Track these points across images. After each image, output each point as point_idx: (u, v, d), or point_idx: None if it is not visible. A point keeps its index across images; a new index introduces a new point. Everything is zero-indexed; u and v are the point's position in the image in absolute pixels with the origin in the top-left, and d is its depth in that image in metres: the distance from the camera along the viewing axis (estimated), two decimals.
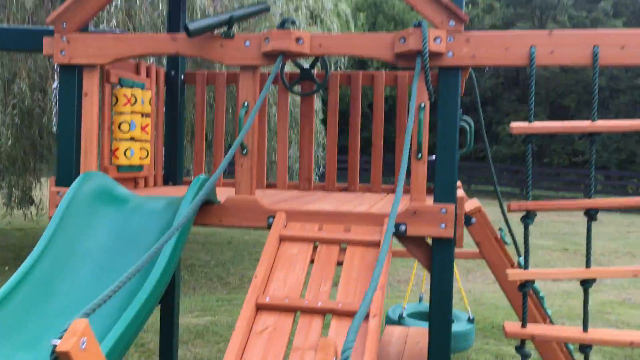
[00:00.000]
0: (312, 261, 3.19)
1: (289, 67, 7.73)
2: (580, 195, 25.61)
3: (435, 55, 3.26)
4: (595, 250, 14.23)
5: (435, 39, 3.22)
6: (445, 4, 3.25)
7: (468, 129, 3.88)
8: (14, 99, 9.23)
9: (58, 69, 3.69)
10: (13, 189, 10.74)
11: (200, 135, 5.10)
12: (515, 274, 3.29)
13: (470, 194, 28.28)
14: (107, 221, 3.26)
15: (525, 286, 3.29)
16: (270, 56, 3.40)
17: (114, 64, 3.79)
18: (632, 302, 9.68)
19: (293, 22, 3.42)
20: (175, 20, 4.93)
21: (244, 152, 3.48)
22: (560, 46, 3.19)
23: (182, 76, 4.99)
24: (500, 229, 4.06)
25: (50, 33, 3.64)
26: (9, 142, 9.40)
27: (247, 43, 3.45)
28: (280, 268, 3.13)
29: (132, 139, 4.33)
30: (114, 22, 8.36)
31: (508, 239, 4.03)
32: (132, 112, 4.30)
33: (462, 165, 26.80)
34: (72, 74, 3.64)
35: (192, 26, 3.37)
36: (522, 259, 3.90)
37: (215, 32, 3.47)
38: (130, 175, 4.39)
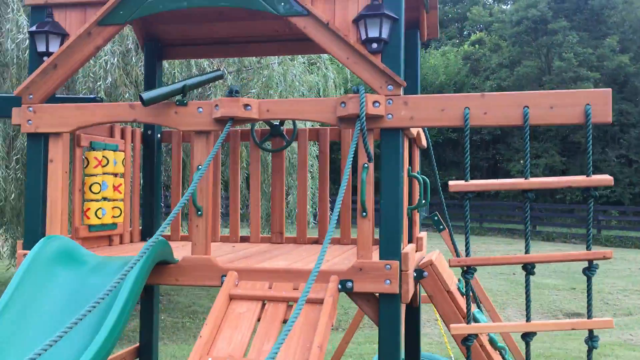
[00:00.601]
0: (259, 319, 3.30)
1: (259, 124, 7.97)
2: (593, 233, 25.37)
3: (374, 118, 3.42)
4: (603, 288, 14.11)
5: (374, 103, 3.38)
6: (383, 71, 3.41)
7: (422, 184, 4.01)
8: (17, 154, 9.54)
9: None
10: (17, 241, 10.98)
11: (176, 191, 5.27)
12: (458, 329, 3.37)
13: (482, 232, 28.10)
14: (64, 282, 3.42)
15: (469, 340, 3.36)
16: (221, 122, 3.59)
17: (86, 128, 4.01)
18: (633, 343, 9.56)
19: (237, 92, 3.61)
20: (151, 84, 5.16)
21: (199, 213, 3.63)
22: (493, 107, 3.33)
23: (158, 135, 5.20)
24: (459, 279, 4.14)
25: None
26: (13, 196, 9.67)
27: (200, 110, 3.64)
28: (227, 327, 3.25)
29: (104, 199, 4.51)
30: (109, 79, 8.68)
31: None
32: (104, 174, 4.50)
33: (474, 203, 26.77)
34: (38, 141, 3.84)
35: (146, 96, 3.57)
36: (477, 311, 3.97)
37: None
38: (104, 234, 4.57)
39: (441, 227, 4.72)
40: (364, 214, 3.45)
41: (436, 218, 4.73)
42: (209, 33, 5.22)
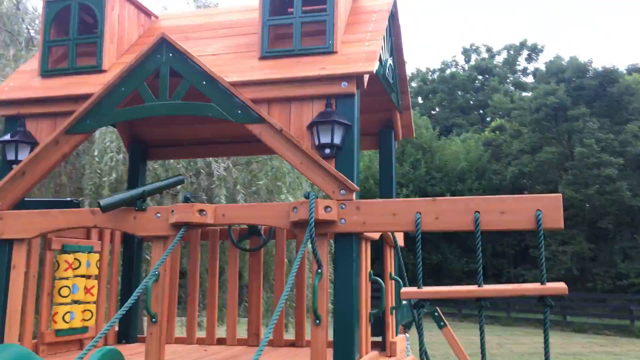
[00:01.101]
0: None
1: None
2: (626, 323, 24.32)
3: (327, 223, 3.39)
4: None
5: (325, 208, 3.36)
6: (335, 176, 3.41)
7: (382, 289, 3.91)
8: None
9: None
10: None
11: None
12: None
13: (509, 322, 27.14)
14: None
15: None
16: (178, 227, 3.59)
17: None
18: None
19: (192, 197, 3.64)
20: (134, 185, 5.24)
21: (153, 320, 3.57)
22: (444, 213, 3.28)
23: (139, 235, 5.22)
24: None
25: None
26: None
27: (158, 215, 3.66)
28: None
29: (74, 302, 4.49)
30: (114, 175, 8.87)
31: None
32: (75, 276, 4.50)
33: None
34: (3, 247, 3.88)
35: (103, 202, 3.62)
36: None
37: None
38: (74, 338, 4.51)
39: (442, 323, 4.47)
40: (317, 322, 3.35)
41: (436, 314, 4.50)
42: (193, 134, 5.34)
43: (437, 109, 44.60)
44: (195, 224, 3.56)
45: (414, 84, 42.61)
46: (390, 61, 4.26)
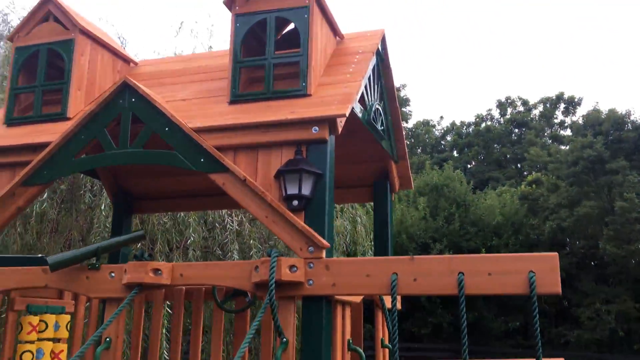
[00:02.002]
0: None
1: None
2: None
3: (292, 284, 2.98)
4: None
5: (290, 268, 2.97)
6: (303, 231, 3.03)
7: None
8: None
9: None
10: None
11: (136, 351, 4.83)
12: None
13: None
14: None
15: None
16: (131, 288, 3.23)
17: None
18: None
19: (150, 255, 3.29)
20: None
21: None
22: (424, 273, 2.85)
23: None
24: None
25: None
26: None
27: (112, 274, 3.32)
28: None
29: None
30: None
31: None
32: (39, 340, 4.15)
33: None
34: None
35: (51, 260, 3.30)
36: None
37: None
38: None
39: None
40: None
41: None
42: (179, 185, 5.03)
43: (473, 163, 43.92)
44: (149, 285, 3.19)
45: (448, 138, 42.09)
46: (378, 106, 3.91)
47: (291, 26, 3.75)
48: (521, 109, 46.87)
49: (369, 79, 3.78)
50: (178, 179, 4.95)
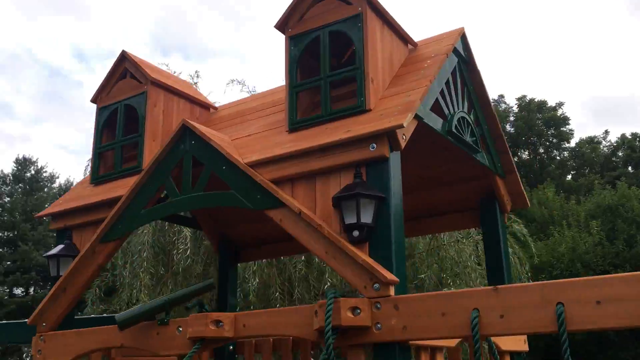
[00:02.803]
0: None
1: None
2: None
3: (357, 330, 2.54)
4: None
5: (353, 310, 2.53)
6: (364, 266, 2.59)
7: None
8: None
9: None
10: None
11: None
12: None
13: None
14: None
15: None
16: (195, 342, 2.97)
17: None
18: None
19: (201, 305, 3.02)
20: (224, 290, 4.76)
21: None
22: (512, 307, 2.27)
23: (230, 347, 4.67)
24: None
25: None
26: None
27: (180, 329, 3.09)
28: None
29: None
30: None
31: None
32: None
33: None
34: None
35: (119, 317, 3.16)
36: None
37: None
38: None
39: None
40: None
41: None
42: (278, 229, 4.77)
43: None
44: (211, 339, 2.91)
45: (620, 153, 38.32)
46: (463, 115, 3.38)
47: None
48: None
49: (447, 84, 3.29)
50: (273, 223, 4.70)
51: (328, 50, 3.20)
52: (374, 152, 2.75)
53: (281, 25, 3.38)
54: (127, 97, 3.96)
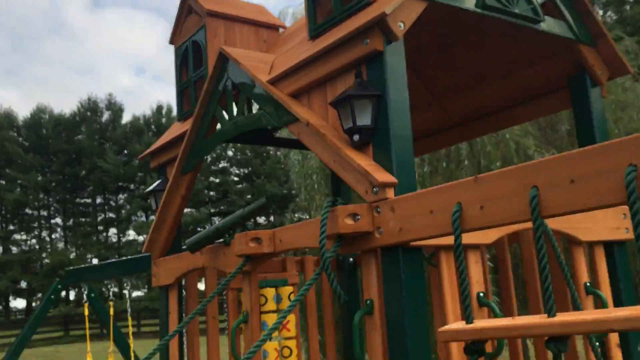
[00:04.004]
0: None
1: None
2: None
3: (360, 236, 2.46)
4: None
5: (354, 216, 2.44)
6: (358, 169, 2.46)
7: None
8: None
9: None
10: None
11: None
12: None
13: None
14: None
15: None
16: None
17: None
18: None
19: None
20: None
21: None
22: (491, 197, 2.00)
23: (350, 259, 4.78)
24: None
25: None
26: None
27: None
28: None
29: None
30: None
31: None
32: (262, 313, 4.33)
33: None
34: (163, 294, 4.01)
35: (188, 242, 3.41)
36: None
37: None
38: None
39: None
40: None
41: None
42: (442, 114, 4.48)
43: None
44: (254, 255, 3.02)
45: None
46: None
47: None
48: None
49: None
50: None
51: None
52: (367, 47, 2.54)
53: None
54: (193, 34, 4.10)
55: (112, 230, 49.05)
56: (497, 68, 3.75)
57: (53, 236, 52.16)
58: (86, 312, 7.15)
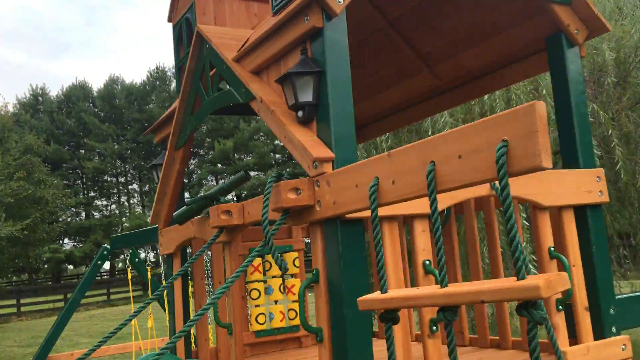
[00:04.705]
0: None
1: None
2: None
3: (303, 209, 2.57)
4: None
5: (296, 190, 2.55)
6: (298, 144, 2.55)
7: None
8: None
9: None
10: None
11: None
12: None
13: None
14: None
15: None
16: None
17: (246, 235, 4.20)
18: None
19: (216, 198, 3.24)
20: None
21: (229, 332, 3.34)
22: (400, 172, 2.06)
23: None
24: None
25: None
26: None
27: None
28: None
29: (273, 302, 4.52)
30: None
31: None
32: (269, 278, 4.51)
33: None
34: (169, 262, 4.25)
35: (175, 214, 3.60)
36: None
37: None
38: (275, 339, 4.52)
39: None
40: (317, 338, 2.55)
41: None
42: (388, 102, 4.69)
43: None
44: (226, 226, 3.18)
45: None
46: None
47: None
48: None
49: None
50: (383, 96, 4.63)
51: None
52: (308, 24, 2.60)
53: None
54: (185, 11, 4.21)
55: (186, 195, 50.78)
56: (480, 32, 3.70)
57: (131, 201, 54.66)
58: (129, 276, 7.59)
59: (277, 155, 50.33)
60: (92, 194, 53.04)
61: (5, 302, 27.68)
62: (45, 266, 44.28)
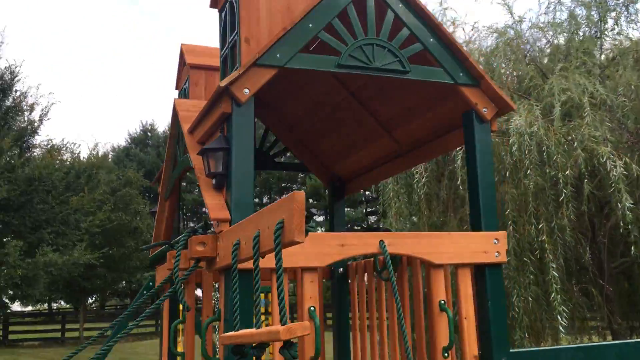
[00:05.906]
0: None
1: None
2: None
3: (209, 260, 3.17)
4: None
5: (202, 244, 3.14)
6: (206, 207, 3.16)
7: None
8: None
9: None
10: None
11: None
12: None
13: None
14: None
15: None
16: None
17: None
18: None
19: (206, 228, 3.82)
20: (331, 225, 5.44)
21: None
22: (247, 235, 2.61)
23: (340, 270, 5.27)
24: None
25: None
26: None
27: None
28: None
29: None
30: None
31: None
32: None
33: None
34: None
35: (151, 258, 4.27)
36: None
37: None
38: None
39: None
40: None
41: None
42: (374, 153, 5.02)
43: None
44: (202, 257, 3.29)
45: None
46: (372, 41, 3.39)
47: None
48: None
49: (342, 15, 3.35)
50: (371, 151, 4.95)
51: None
52: (222, 109, 3.22)
53: None
54: None
55: None
56: (419, 105, 4.16)
57: None
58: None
59: (367, 192, 50.71)
60: (191, 224, 55.67)
61: (103, 325, 29.24)
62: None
